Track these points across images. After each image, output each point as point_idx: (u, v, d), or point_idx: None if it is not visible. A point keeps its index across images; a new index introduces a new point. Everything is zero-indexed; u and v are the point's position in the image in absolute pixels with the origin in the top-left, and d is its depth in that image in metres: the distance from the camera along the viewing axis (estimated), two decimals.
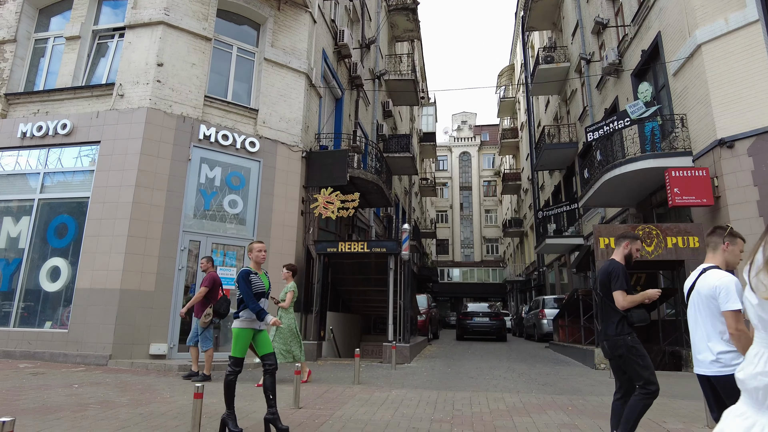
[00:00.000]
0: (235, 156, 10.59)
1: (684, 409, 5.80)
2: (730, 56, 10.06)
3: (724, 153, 9.94)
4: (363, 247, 10.98)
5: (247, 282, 4.44)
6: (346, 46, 14.74)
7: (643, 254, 9.76)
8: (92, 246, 9.14)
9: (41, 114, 10.27)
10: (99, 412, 5.00)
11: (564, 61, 20.98)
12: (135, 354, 8.73)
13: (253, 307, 4.36)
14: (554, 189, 24.94)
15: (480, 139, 56.94)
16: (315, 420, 4.96)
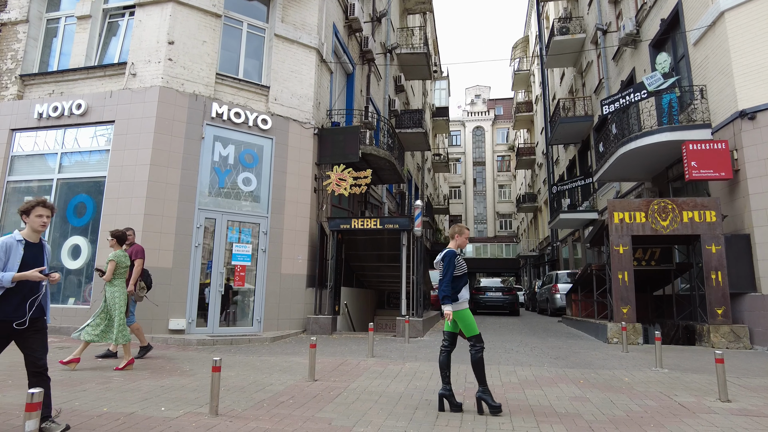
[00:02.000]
0: (248, 134, 10.62)
1: (696, 383, 5.83)
2: (754, 24, 9.73)
3: (745, 125, 9.71)
4: (376, 224, 11.03)
5: (451, 264, 4.47)
6: (357, 20, 14.52)
7: (658, 228, 9.68)
8: (110, 224, 9.30)
9: (56, 94, 10.37)
10: (122, 384, 5.20)
11: (579, 32, 20.44)
12: (155, 329, 8.97)
13: (443, 290, 4.40)
14: (569, 163, 24.64)
15: (494, 113, 56.15)
16: (330, 392, 5.09)
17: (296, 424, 3.94)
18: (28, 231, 3.62)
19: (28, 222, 3.61)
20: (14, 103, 10.54)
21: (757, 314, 9.09)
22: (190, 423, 3.91)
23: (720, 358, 4.85)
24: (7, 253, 3.47)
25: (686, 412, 4.51)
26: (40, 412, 2.65)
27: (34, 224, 3.60)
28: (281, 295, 10.49)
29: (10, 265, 3.46)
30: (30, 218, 3.59)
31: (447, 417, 4.25)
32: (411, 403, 4.70)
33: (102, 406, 4.32)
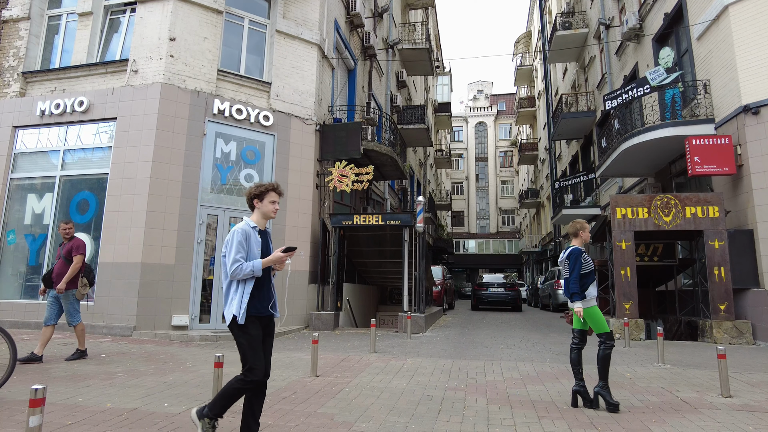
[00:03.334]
0: (250, 130, 10.62)
1: (698, 378, 5.83)
2: (759, 17, 9.67)
3: (748, 120, 9.66)
4: (378, 220, 11.03)
5: (578, 262, 4.47)
6: (359, 16, 14.48)
7: (661, 224, 9.65)
8: (113, 221, 9.35)
9: (58, 92, 10.39)
10: (126, 380, 5.23)
11: (582, 27, 20.34)
12: (158, 325, 9.02)
13: (572, 288, 4.41)
14: (571, 159, 24.56)
15: (496, 108, 55.95)
16: (332, 387, 5.11)
17: (298, 420, 3.96)
18: (258, 217, 3.34)
19: (260, 208, 3.32)
20: (17, 101, 10.56)
21: (760, 310, 9.07)
22: None
23: (722, 353, 4.85)
24: (248, 241, 3.20)
25: (688, 407, 4.51)
26: (42, 408, 2.62)
27: (267, 210, 3.32)
28: (283, 291, 10.51)
29: (252, 253, 3.21)
30: (263, 204, 3.31)
31: (449, 413, 4.27)
32: (413, 399, 4.71)
33: (105, 402, 4.34)
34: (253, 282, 3.17)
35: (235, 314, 3.11)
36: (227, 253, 3.15)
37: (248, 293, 3.15)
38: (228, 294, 3.19)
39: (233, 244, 3.13)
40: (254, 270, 3.12)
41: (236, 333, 3.15)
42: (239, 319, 3.10)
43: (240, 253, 3.12)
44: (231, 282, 3.18)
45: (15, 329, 9.21)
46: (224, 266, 3.16)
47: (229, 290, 3.19)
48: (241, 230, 3.19)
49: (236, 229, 3.20)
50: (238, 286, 3.16)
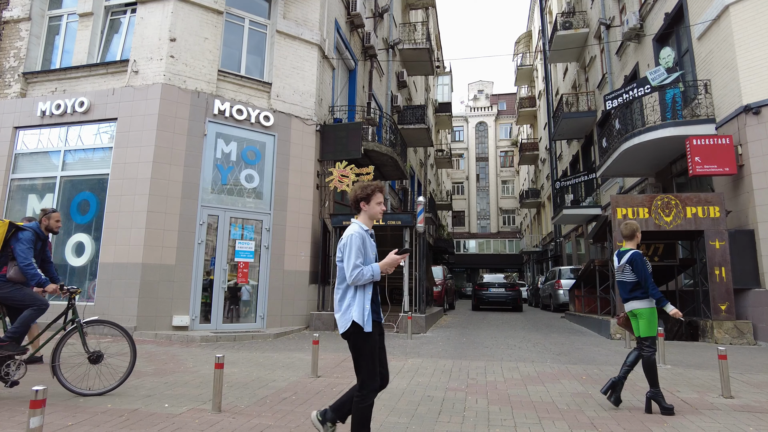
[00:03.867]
0: (250, 130, 10.62)
1: (698, 379, 5.83)
2: (759, 17, 9.67)
3: (749, 120, 9.66)
4: (378, 220, 11.01)
5: (644, 264, 4.46)
6: (359, 16, 14.48)
7: (661, 224, 9.65)
8: (114, 222, 9.36)
9: (59, 92, 10.40)
10: (127, 381, 5.22)
11: (583, 27, 20.34)
12: (158, 326, 9.02)
13: (654, 293, 4.38)
14: (572, 159, 24.56)
15: (497, 108, 55.95)
16: (333, 388, 5.11)
17: (298, 421, 3.96)
18: (365, 219, 3.20)
19: (367, 210, 3.18)
20: (17, 101, 10.57)
21: (761, 310, 9.06)
22: (193, 419, 3.93)
23: (723, 354, 4.84)
24: (365, 245, 3.06)
25: (689, 408, 4.51)
26: (43, 409, 2.62)
27: (375, 212, 3.20)
28: (284, 291, 10.52)
29: (368, 258, 3.06)
30: (370, 206, 3.18)
31: (449, 413, 4.26)
32: (413, 400, 4.71)
33: (106, 403, 4.35)
34: (371, 287, 3.07)
35: (357, 320, 2.96)
36: (345, 258, 3.01)
37: (369, 299, 3.03)
38: (344, 300, 3.05)
39: (352, 249, 3.00)
40: (374, 275, 2.99)
41: (356, 341, 3.00)
42: (364, 326, 2.96)
43: (359, 258, 3.00)
44: (348, 287, 3.05)
45: None
46: (340, 272, 3.05)
47: (345, 296, 3.05)
48: (358, 234, 3.05)
49: (352, 233, 3.05)
50: (357, 291, 3.03)
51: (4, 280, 4.72)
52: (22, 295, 4.71)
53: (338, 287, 3.11)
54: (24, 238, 4.73)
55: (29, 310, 4.65)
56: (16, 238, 4.74)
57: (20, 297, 4.70)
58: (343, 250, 3.06)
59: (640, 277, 4.45)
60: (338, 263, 3.09)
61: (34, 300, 4.75)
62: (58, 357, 4.60)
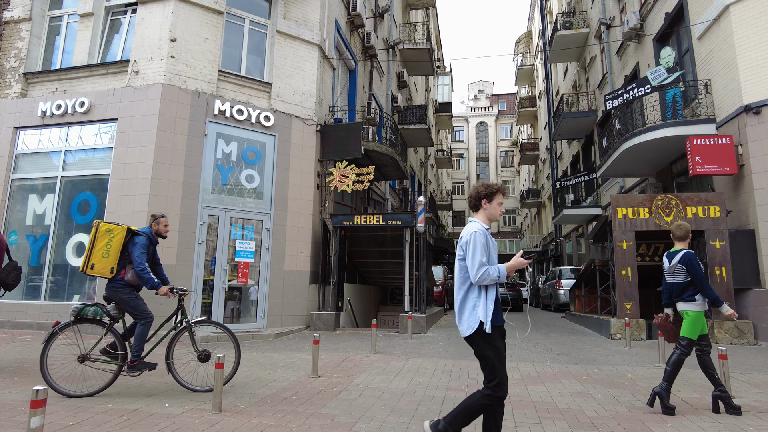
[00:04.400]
0: (251, 130, 10.63)
1: (699, 379, 5.82)
2: (760, 17, 9.66)
3: (749, 119, 9.65)
4: (379, 220, 11.04)
5: (698, 264, 4.43)
6: (359, 16, 14.49)
7: (662, 224, 9.65)
8: (114, 221, 9.35)
9: (59, 92, 10.40)
10: (127, 381, 5.24)
11: (583, 27, 20.34)
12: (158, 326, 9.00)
13: (710, 293, 4.36)
14: (572, 159, 24.55)
15: (497, 108, 55.95)
16: (333, 388, 5.11)
17: (299, 421, 3.96)
18: (484, 218, 3.08)
19: (487, 209, 3.08)
20: (18, 101, 10.58)
21: (762, 310, 9.06)
22: (194, 419, 3.93)
23: (723, 354, 4.84)
24: (488, 244, 2.93)
25: (689, 408, 4.51)
26: (44, 409, 2.62)
27: (494, 212, 3.09)
28: (284, 291, 10.52)
29: (491, 257, 2.93)
30: (491, 205, 3.08)
31: None
32: (414, 399, 4.71)
33: (107, 403, 4.35)
34: (494, 288, 2.94)
35: (483, 321, 2.84)
36: (470, 256, 2.89)
37: (492, 300, 2.90)
38: (466, 301, 2.93)
39: (477, 247, 2.88)
40: (500, 275, 2.86)
41: (481, 344, 2.86)
42: (487, 327, 2.83)
43: (484, 256, 2.87)
44: (470, 288, 2.93)
45: (16, 330, 9.24)
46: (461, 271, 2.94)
47: (468, 297, 2.93)
48: (482, 231, 2.94)
49: (476, 230, 2.94)
50: (480, 292, 2.90)
51: (123, 284, 4.91)
52: (135, 304, 4.91)
53: (460, 288, 2.97)
54: (140, 243, 4.91)
55: (140, 327, 4.87)
56: (133, 242, 4.93)
57: (133, 306, 4.89)
58: (465, 248, 2.93)
59: (695, 277, 4.41)
60: (459, 262, 2.97)
61: (143, 313, 4.94)
62: (171, 354, 4.95)
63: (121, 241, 4.88)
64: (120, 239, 4.88)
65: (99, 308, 4.78)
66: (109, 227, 4.88)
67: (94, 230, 4.87)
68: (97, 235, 4.84)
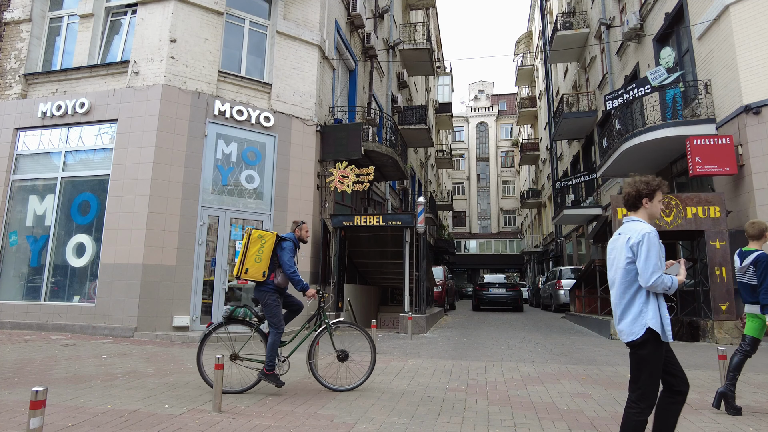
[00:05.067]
0: (251, 131, 10.64)
1: (699, 379, 5.82)
2: (759, 17, 9.66)
3: (749, 120, 9.65)
4: (379, 221, 11.04)
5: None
6: (359, 16, 14.49)
7: (662, 224, 9.64)
8: (114, 222, 9.37)
9: (60, 93, 10.41)
10: (127, 382, 5.24)
11: (583, 27, 20.34)
12: (159, 326, 9.03)
13: (763, 297, 4.26)
14: (573, 159, 24.55)
15: (497, 108, 55.94)
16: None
17: (298, 421, 3.96)
18: (645, 217, 2.88)
19: (648, 208, 2.89)
20: (18, 102, 10.59)
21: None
22: (194, 420, 3.93)
23: (723, 354, 4.83)
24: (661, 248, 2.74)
25: (689, 408, 4.51)
26: (43, 410, 2.61)
27: (656, 211, 2.89)
28: None
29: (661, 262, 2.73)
30: (653, 203, 2.87)
31: (449, 414, 4.27)
32: (413, 400, 4.72)
33: (106, 403, 4.35)
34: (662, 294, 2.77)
35: (654, 327, 2.66)
36: (642, 258, 2.69)
37: (663, 305, 2.73)
38: (632, 305, 2.75)
39: (651, 249, 2.68)
40: (672, 285, 2.69)
41: (647, 351, 2.69)
42: (662, 334, 2.68)
43: (659, 261, 2.70)
44: (638, 292, 2.75)
45: (17, 330, 9.25)
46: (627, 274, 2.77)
47: (634, 302, 2.75)
48: (655, 233, 2.73)
49: (648, 231, 2.73)
50: (649, 296, 2.73)
51: (273, 287, 5.06)
52: (276, 312, 5.04)
53: (625, 291, 2.78)
54: (287, 248, 5.08)
55: (273, 335, 4.97)
56: (281, 247, 5.10)
57: (274, 313, 5.03)
58: (636, 250, 2.73)
59: (760, 280, 4.29)
60: (627, 265, 2.77)
61: (278, 321, 5.04)
62: (313, 355, 5.19)
63: (271, 247, 5.06)
64: (270, 245, 5.06)
65: (248, 310, 5.03)
66: (260, 234, 5.06)
67: (246, 237, 5.04)
68: (250, 241, 5.02)
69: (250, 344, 5.22)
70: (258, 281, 5.01)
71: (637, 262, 2.71)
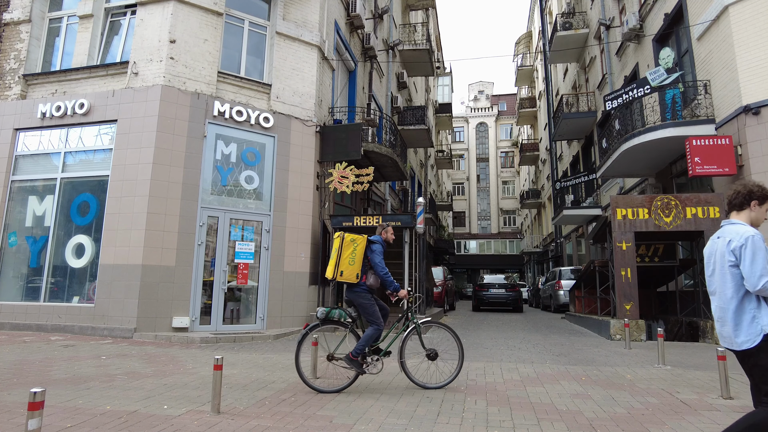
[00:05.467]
0: (250, 132, 10.64)
1: (698, 380, 5.82)
2: (759, 18, 9.66)
3: (749, 120, 9.65)
4: (378, 221, 11.04)
5: None
6: (359, 17, 14.49)
7: (661, 225, 9.64)
8: (114, 223, 9.37)
9: (59, 94, 10.42)
10: (126, 383, 5.24)
11: (583, 27, 20.35)
12: (158, 327, 9.03)
13: None
14: (572, 159, 24.56)
15: (497, 109, 55.97)
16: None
17: (297, 422, 3.96)
18: (747, 220, 2.83)
19: (755, 211, 2.82)
20: (18, 103, 10.59)
21: None
22: (192, 421, 3.93)
23: (722, 354, 4.84)
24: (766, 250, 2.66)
25: (688, 409, 4.51)
26: (41, 411, 2.60)
27: (761, 218, 2.82)
28: (284, 292, 10.52)
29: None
30: (761, 209, 2.82)
31: (448, 415, 4.26)
32: (412, 401, 4.71)
33: (105, 404, 4.35)
34: None
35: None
36: (748, 262, 2.63)
37: None
38: (742, 313, 2.68)
39: (758, 252, 2.62)
40: None
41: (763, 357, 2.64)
42: None
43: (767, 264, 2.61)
44: (746, 297, 2.69)
45: (16, 331, 9.25)
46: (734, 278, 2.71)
47: (744, 307, 2.68)
48: (760, 237, 2.67)
49: (752, 234, 2.68)
50: (759, 302, 2.66)
51: (366, 288, 5.23)
52: (373, 311, 5.20)
53: (732, 297, 2.72)
54: (377, 250, 5.25)
55: (371, 329, 5.16)
56: (371, 249, 5.26)
57: (371, 312, 5.19)
58: (739, 254, 2.67)
59: None
60: (730, 268, 2.72)
61: (378, 319, 5.23)
62: (403, 353, 5.34)
63: (363, 250, 5.21)
64: (362, 248, 5.21)
65: (343, 311, 5.21)
66: (353, 237, 5.21)
67: (339, 240, 5.19)
68: (343, 244, 5.17)
69: (345, 344, 5.31)
70: (352, 283, 5.20)
71: (742, 266, 2.66)
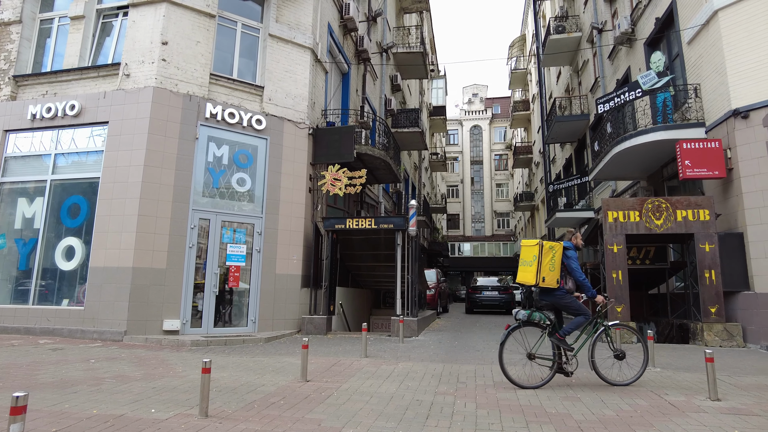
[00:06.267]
0: (242, 134, 10.61)
1: (687, 381, 5.85)
2: (747, 22, 9.75)
3: (738, 124, 9.73)
4: (371, 224, 11.03)
5: None
6: (352, 20, 14.50)
7: (652, 227, 9.70)
8: (104, 225, 9.31)
9: (50, 95, 10.35)
10: (114, 386, 5.20)
11: (576, 31, 20.46)
12: (149, 330, 8.97)
13: None
14: (565, 162, 24.66)
15: (491, 112, 56.14)
16: (321, 393, 5.10)
17: (285, 425, 3.94)
18: None
19: None
20: (8, 104, 10.51)
21: (750, 312, 9.12)
22: (180, 425, 3.91)
23: (710, 356, 4.87)
24: None
25: (676, 411, 4.52)
26: (24, 416, 2.58)
27: None
28: (276, 295, 10.49)
29: None
30: None
31: (437, 417, 4.26)
32: (402, 404, 4.71)
33: (92, 408, 4.31)
34: None
35: None
36: None
37: None
38: None
39: None
40: None
41: None
42: None
43: None
44: None
45: (4, 335, 9.16)
46: None
47: None
48: None
49: None
50: None
51: (565, 292, 5.56)
52: (578, 306, 5.58)
53: None
54: (573, 256, 5.54)
55: (582, 317, 5.54)
56: (566, 256, 5.53)
57: (576, 306, 5.57)
58: None
59: None
60: None
61: (584, 310, 5.59)
62: (594, 353, 5.62)
63: (560, 256, 5.46)
64: (559, 254, 5.46)
65: (543, 314, 5.48)
66: (551, 245, 5.45)
67: (539, 248, 5.43)
68: (543, 251, 5.41)
69: (544, 344, 5.57)
70: (552, 288, 5.49)
71: None
